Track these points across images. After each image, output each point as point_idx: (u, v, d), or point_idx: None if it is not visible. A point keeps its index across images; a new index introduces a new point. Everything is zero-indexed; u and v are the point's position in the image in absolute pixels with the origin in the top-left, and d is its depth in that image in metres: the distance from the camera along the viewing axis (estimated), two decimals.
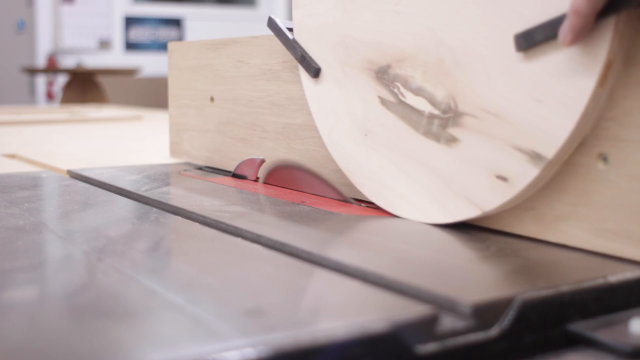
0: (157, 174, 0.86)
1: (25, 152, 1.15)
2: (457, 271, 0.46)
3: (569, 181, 0.51)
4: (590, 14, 0.46)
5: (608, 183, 0.49)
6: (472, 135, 0.55)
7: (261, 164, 0.81)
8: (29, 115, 1.99)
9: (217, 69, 0.89)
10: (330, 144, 0.69)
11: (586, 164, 0.50)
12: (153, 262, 0.50)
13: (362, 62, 0.65)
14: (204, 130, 0.92)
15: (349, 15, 0.66)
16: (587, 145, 0.50)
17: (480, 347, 0.38)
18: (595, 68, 0.47)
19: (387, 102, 0.63)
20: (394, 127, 0.62)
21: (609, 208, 0.49)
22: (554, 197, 0.52)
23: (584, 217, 0.51)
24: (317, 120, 0.70)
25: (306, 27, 0.71)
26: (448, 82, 0.57)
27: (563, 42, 0.47)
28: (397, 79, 0.61)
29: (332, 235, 0.58)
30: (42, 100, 5.54)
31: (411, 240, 0.55)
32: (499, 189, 0.53)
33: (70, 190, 0.77)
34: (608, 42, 0.46)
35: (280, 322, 0.38)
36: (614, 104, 0.49)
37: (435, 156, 0.58)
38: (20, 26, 5.48)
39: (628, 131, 0.48)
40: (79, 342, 0.34)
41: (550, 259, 0.49)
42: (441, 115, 0.57)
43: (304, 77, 0.72)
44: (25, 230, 0.56)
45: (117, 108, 2.52)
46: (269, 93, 0.81)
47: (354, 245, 0.54)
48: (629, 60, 0.48)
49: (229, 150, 0.88)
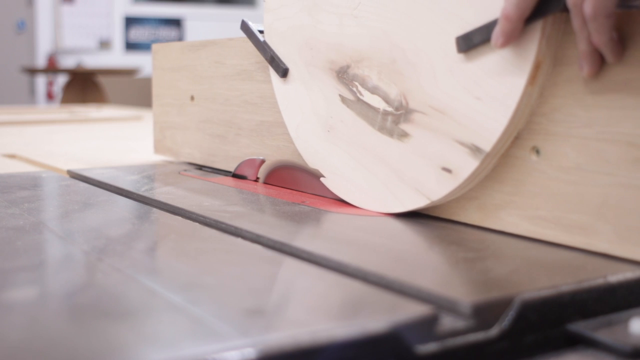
0: (157, 174, 0.86)
1: (25, 152, 1.15)
2: (458, 271, 0.46)
3: (506, 172, 0.55)
4: (519, 19, 0.50)
5: (540, 174, 0.53)
6: (421, 131, 0.59)
7: (261, 164, 0.81)
8: (29, 115, 1.99)
9: (197, 70, 0.93)
10: (298, 140, 0.73)
11: (521, 157, 0.54)
12: (153, 262, 0.50)
13: (325, 62, 0.69)
14: (185, 127, 0.96)
15: (313, 19, 0.70)
16: (521, 138, 0.54)
17: (480, 347, 0.38)
18: (525, 68, 0.51)
19: (347, 100, 0.67)
20: (353, 124, 0.66)
21: (540, 197, 0.53)
22: (493, 187, 0.56)
23: (519, 206, 0.55)
24: (285, 117, 0.75)
25: (275, 30, 0.75)
26: (400, 82, 0.61)
27: (495, 44, 0.52)
28: (356, 79, 0.66)
29: (332, 235, 0.58)
30: (42, 100, 5.54)
31: (411, 241, 0.56)
32: (444, 180, 0.58)
33: (70, 190, 0.77)
34: (536, 44, 0.51)
35: (280, 322, 0.38)
36: (544, 100, 0.53)
37: (389, 150, 0.62)
38: (20, 26, 5.48)
39: (557, 126, 0.52)
40: (79, 342, 0.34)
41: (550, 259, 0.49)
42: (394, 112, 0.62)
43: (273, 77, 0.76)
44: (25, 230, 0.56)
45: (117, 108, 2.52)
46: (243, 92, 0.85)
47: (353, 246, 0.54)
48: (557, 61, 0.52)
49: (208, 147, 0.91)
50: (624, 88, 0.48)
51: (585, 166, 0.50)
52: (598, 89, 0.49)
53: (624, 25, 0.48)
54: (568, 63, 0.51)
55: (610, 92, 0.49)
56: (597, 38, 0.47)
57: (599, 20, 0.46)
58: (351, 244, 0.55)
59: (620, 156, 0.48)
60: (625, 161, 0.48)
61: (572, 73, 0.51)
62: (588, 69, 0.49)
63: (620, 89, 0.48)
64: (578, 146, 0.51)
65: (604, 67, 0.49)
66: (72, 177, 0.87)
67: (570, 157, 0.51)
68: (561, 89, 0.52)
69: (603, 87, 0.49)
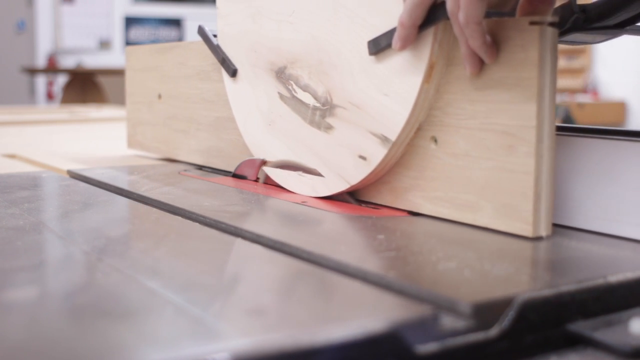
0: (157, 174, 0.86)
1: (25, 152, 1.15)
2: (458, 271, 0.46)
3: (412, 159, 0.63)
4: (412, 26, 0.58)
5: (437, 160, 0.61)
6: (342, 123, 0.67)
7: (261, 165, 0.81)
8: (29, 115, 1.99)
9: (164, 70, 1.00)
10: (245, 134, 0.81)
11: (423, 145, 0.62)
12: (153, 262, 0.50)
13: (267, 63, 0.77)
14: (154, 124, 1.03)
15: (257, 25, 0.78)
16: (423, 129, 0.62)
17: (480, 347, 0.38)
18: (421, 68, 0.59)
19: (284, 97, 0.75)
20: (289, 118, 0.74)
21: (438, 180, 0.61)
22: (402, 172, 0.64)
23: (422, 188, 0.62)
24: (235, 113, 0.83)
25: (226, 34, 0.83)
26: (326, 80, 0.69)
27: (394, 48, 0.60)
28: (291, 78, 0.74)
29: (332, 235, 0.58)
30: (42, 100, 5.54)
31: (411, 240, 0.56)
32: (361, 166, 0.66)
33: (70, 190, 0.77)
34: (429, 47, 0.59)
35: (280, 322, 0.38)
36: (439, 96, 0.60)
37: (317, 141, 0.70)
38: (20, 26, 5.48)
39: (450, 118, 0.59)
40: (79, 342, 0.34)
41: (550, 258, 0.49)
42: (321, 107, 0.70)
43: (225, 77, 0.84)
44: (25, 230, 0.56)
45: (117, 108, 2.52)
46: (202, 91, 0.92)
47: (353, 245, 0.54)
48: (450, 61, 0.59)
49: (173, 141, 0.99)
50: (499, 85, 0.55)
51: (471, 152, 0.58)
52: (480, 86, 0.57)
53: (497, 31, 0.55)
54: (458, 63, 0.58)
55: (489, 89, 0.56)
56: (472, 42, 0.54)
57: (471, 26, 0.53)
58: (351, 244, 0.55)
59: (497, 143, 0.56)
60: (501, 147, 0.55)
61: (461, 72, 0.58)
62: (469, 69, 0.56)
63: (496, 86, 0.55)
64: (466, 135, 0.58)
65: (484, 67, 0.56)
66: (72, 177, 0.87)
67: (460, 145, 0.59)
68: (452, 86, 0.59)
69: (484, 84, 0.56)
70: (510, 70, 0.54)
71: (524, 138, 0.53)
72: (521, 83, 0.54)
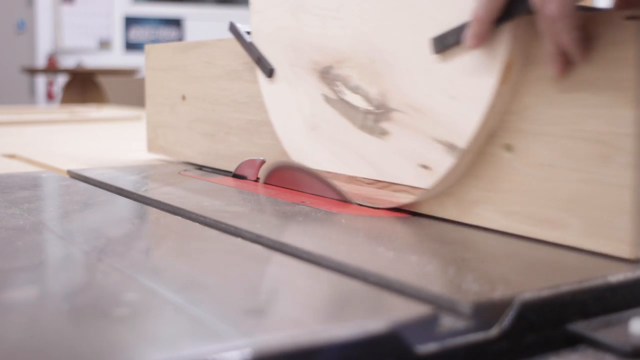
0: (157, 174, 0.86)
1: (25, 152, 1.15)
2: (458, 271, 0.46)
3: (482, 169, 0.57)
4: (489, 21, 0.52)
5: (513, 170, 0.54)
6: (400, 129, 0.61)
7: (261, 165, 0.81)
8: (29, 115, 1.99)
9: (188, 70, 0.94)
10: (284, 138, 0.76)
11: (495, 154, 0.56)
12: (153, 262, 0.50)
13: (309, 63, 0.71)
14: (176, 127, 0.98)
15: (298, 21, 0.72)
16: (495, 136, 0.55)
17: (480, 347, 0.38)
18: (496, 67, 0.53)
19: (329, 100, 0.69)
20: (336, 122, 0.68)
21: (514, 193, 0.54)
22: (470, 183, 0.58)
23: (494, 201, 0.56)
24: (272, 116, 0.77)
25: (262, 32, 0.77)
26: (379, 81, 0.63)
27: (467, 45, 0.54)
28: (338, 78, 0.68)
29: (332, 235, 0.58)
30: (42, 100, 5.54)
31: (411, 240, 0.56)
32: (423, 177, 0.60)
33: (70, 190, 0.77)
34: (506, 45, 0.52)
35: (280, 322, 0.38)
36: (516, 99, 0.54)
37: (370, 148, 0.65)
38: (20, 26, 5.48)
39: (528, 123, 0.53)
40: (79, 342, 0.34)
41: (550, 259, 0.49)
42: (374, 110, 0.64)
43: (260, 77, 0.78)
44: (25, 230, 0.56)
45: (117, 108, 2.52)
46: (232, 92, 0.86)
47: (353, 246, 0.54)
48: (528, 60, 0.53)
49: (198, 145, 0.93)
50: (590, 87, 0.49)
51: (555, 162, 0.51)
52: (566, 88, 0.51)
53: (590, 26, 0.49)
54: (539, 62, 0.52)
55: (578, 91, 0.50)
56: (562, 38, 0.48)
57: (562, 20, 0.47)
58: (351, 244, 0.55)
59: (588, 153, 0.49)
60: (592, 158, 0.49)
61: (542, 72, 0.52)
62: (555, 68, 0.50)
63: (586, 88, 0.49)
64: (548, 143, 0.52)
65: (571, 67, 0.50)
66: (72, 177, 0.87)
67: (541, 154, 0.52)
68: (532, 88, 0.53)
69: (571, 86, 0.50)
70: (602, 70, 0.48)
71: (621, 147, 0.47)
72: (615, 85, 0.48)
